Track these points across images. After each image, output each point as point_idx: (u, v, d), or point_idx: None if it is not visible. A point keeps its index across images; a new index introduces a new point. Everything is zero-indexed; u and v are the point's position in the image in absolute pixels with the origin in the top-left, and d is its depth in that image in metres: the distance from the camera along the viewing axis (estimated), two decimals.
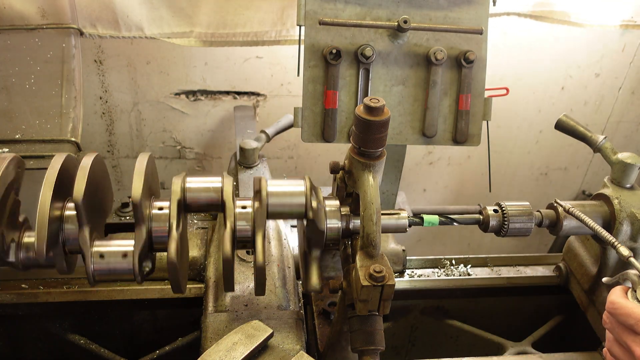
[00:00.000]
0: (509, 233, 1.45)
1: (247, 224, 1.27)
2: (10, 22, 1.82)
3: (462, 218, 1.45)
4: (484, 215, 1.46)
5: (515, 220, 1.45)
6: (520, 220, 1.45)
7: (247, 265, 1.62)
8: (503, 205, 1.46)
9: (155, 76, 2.42)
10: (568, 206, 1.48)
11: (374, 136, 1.21)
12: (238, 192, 1.88)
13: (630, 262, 1.29)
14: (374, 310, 1.24)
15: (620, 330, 1.19)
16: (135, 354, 1.79)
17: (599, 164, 3.06)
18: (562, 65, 2.68)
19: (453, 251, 3.33)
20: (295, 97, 2.54)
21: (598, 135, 1.68)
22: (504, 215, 1.45)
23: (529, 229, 1.46)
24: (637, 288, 1.22)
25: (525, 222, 1.46)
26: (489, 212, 1.46)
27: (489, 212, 1.46)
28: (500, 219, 1.45)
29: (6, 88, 1.81)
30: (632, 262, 1.29)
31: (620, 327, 1.19)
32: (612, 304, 1.21)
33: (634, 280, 1.24)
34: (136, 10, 2.00)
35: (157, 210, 1.26)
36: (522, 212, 1.46)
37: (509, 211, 1.45)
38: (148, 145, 2.63)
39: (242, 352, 1.27)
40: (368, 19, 1.58)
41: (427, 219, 1.41)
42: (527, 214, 1.46)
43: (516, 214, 1.45)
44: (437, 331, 2.09)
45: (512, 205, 1.46)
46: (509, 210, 1.45)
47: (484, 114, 1.67)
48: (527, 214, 1.46)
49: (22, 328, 1.83)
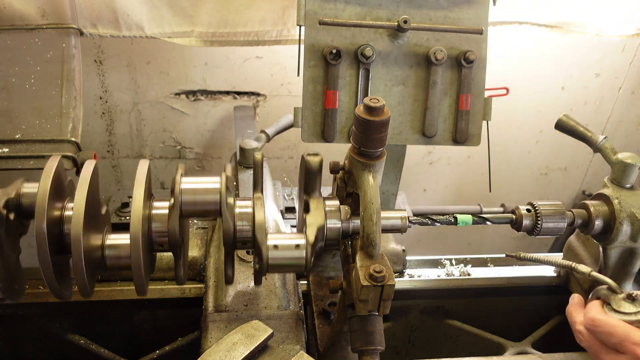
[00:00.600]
0: (542, 232, 1.46)
1: (247, 224, 1.27)
2: (10, 22, 1.82)
3: (495, 217, 1.46)
4: (517, 214, 1.47)
5: (548, 220, 1.45)
6: (553, 220, 1.46)
7: (247, 265, 1.62)
8: (536, 204, 1.47)
9: (155, 76, 2.42)
10: (522, 254, 1.45)
11: (374, 136, 1.21)
12: (238, 193, 1.88)
13: (593, 276, 1.29)
14: (374, 310, 1.24)
15: (600, 348, 1.15)
16: (135, 354, 1.79)
17: (599, 164, 3.06)
18: (562, 65, 2.68)
19: (453, 251, 3.32)
20: (295, 97, 2.54)
21: (598, 135, 1.68)
22: (537, 214, 1.45)
23: (562, 228, 1.47)
24: (610, 301, 1.21)
25: (557, 222, 1.46)
26: (522, 211, 1.47)
27: (522, 212, 1.46)
28: (533, 219, 1.46)
29: (6, 88, 1.80)
30: (595, 276, 1.28)
31: (600, 345, 1.15)
32: (592, 321, 1.17)
33: (606, 294, 1.23)
34: (137, 9, 1.99)
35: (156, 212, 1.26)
36: (555, 211, 1.47)
37: (542, 210, 1.45)
38: (148, 145, 2.63)
39: (242, 352, 1.26)
40: (368, 19, 1.58)
41: (460, 219, 1.41)
42: (559, 213, 1.47)
43: (549, 214, 1.46)
44: (437, 331, 2.09)
45: (544, 205, 1.47)
46: (542, 210, 1.45)
47: (484, 114, 1.67)
48: (560, 214, 1.47)
49: (22, 328, 1.83)
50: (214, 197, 1.23)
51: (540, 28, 2.26)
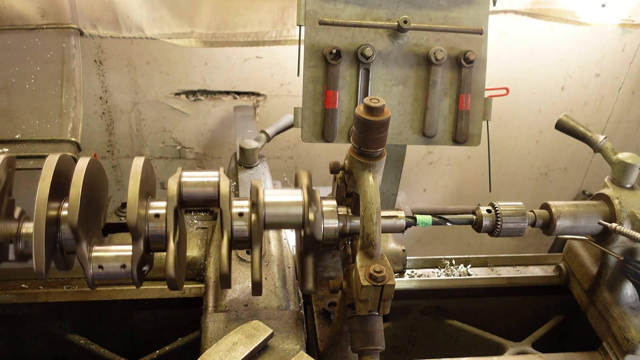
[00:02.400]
0: (502, 233, 1.45)
1: (244, 225, 1.27)
2: (10, 22, 1.82)
3: (456, 218, 1.45)
4: (477, 215, 1.46)
5: (508, 220, 1.44)
6: (514, 220, 1.44)
7: (247, 265, 1.62)
8: (496, 205, 1.45)
9: (155, 76, 2.42)
10: (614, 225, 1.41)
11: (374, 136, 1.21)
12: (238, 193, 1.88)
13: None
14: (374, 310, 1.24)
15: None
16: (135, 354, 1.79)
17: (599, 164, 3.06)
18: (562, 65, 2.68)
19: (453, 251, 3.33)
20: (295, 97, 2.54)
21: (598, 135, 1.68)
22: (497, 215, 1.44)
23: (522, 229, 1.46)
24: None
25: (518, 222, 1.45)
26: (482, 212, 1.45)
27: (482, 212, 1.45)
28: (493, 219, 1.45)
29: (6, 88, 1.81)
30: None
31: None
32: None
33: None
34: (137, 10, 2.00)
35: (153, 215, 1.25)
36: (516, 212, 1.45)
37: (502, 211, 1.44)
38: (148, 145, 2.63)
39: (242, 352, 1.26)
40: (368, 19, 1.58)
41: (420, 219, 1.40)
42: (520, 214, 1.45)
43: (509, 214, 1.44)
44: (437, 331, 2.09)
45: (505, 205, 1.45)
46: (502, 210, 1.44)
47: (484, 114, 1.67)
48: (521, 214, 1.45)
49: (22, 328, 1.83)
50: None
51: (526, 18, 2.27)
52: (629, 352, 1.58)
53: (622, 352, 1.59)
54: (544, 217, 1.52)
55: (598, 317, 1.68)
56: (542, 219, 1.52)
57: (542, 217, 1.52)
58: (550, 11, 2.27)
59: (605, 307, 1.65)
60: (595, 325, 1.71)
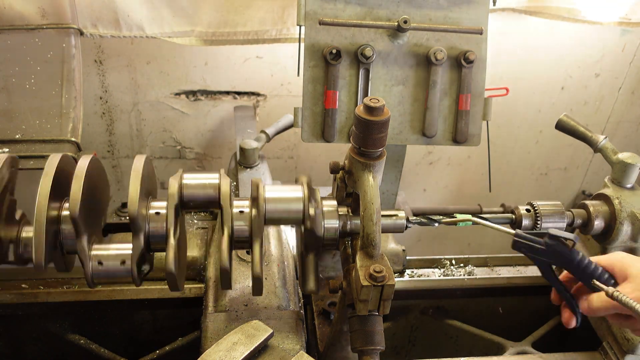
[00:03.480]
0: None
1: (245, 225, 1.27)
2: (10, 22, 1.82)
3: (495, 218, 1.46)
4: (517, 214, 1.47)
5: (548, 220, 1.45)
6: (553, 220, 1.46)
7: (247, 265, 1.62)
8: (535, 204, 1.47)
9: (155, 76, 2.42)
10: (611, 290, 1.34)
11: (374, 136, 1.21)
12: (238, 192, 1.88)
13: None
14: (374, 310, 1.24)
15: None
16: (135, 354, 1.79)
17: (599, 164, 3.06)
18: (562, 65, 2.68)
19: (453, 251, 3.33)
20: (295, 97, 2.53)
21: (599, 135, 1.68)
22: (537, 214, 1.45)
23: (561, 228, 1.47)
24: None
25: (557, 222, 1.47)
26: (521, 211, 1.46)
27: (521, 212, 1.46)
28: (532, 219, 1.46)
29: (6, 88, 1.80)
30: None
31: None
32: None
33: None
34: (137, 9, 2.00)
35: (154, 213, 1.26)
36: (555, 211, 1.47)
37: (542, 210, 1.45)
38: (148, 145, 2.63)
39: (242, 352, 1.26)
40: (368, 19, 1.58)
41: (461, 219, 1.40)
42: (559, 213, 1.47)
43: (549, 214, 1.46)
44: (437, 331, 2.09)
45: (544, 205, 1.47)
46: (541, 210, 1.45)
47: (484, 114, 1.67)
48: (560, 214, 1.47)
49: (22, 328, 1.83)
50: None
51: (525, 17, 2.26)
52: (629, 352, 1.58)
53: (622, 352, 1.59)
54: (582, 217, 1.53)
55: (598, 317, 1.68)
56: (580, 218, 1.52)
57: (581, 217, 1.52)
58: (548, 8, 2.26)
59: None
60: (596, 325, 1.71)
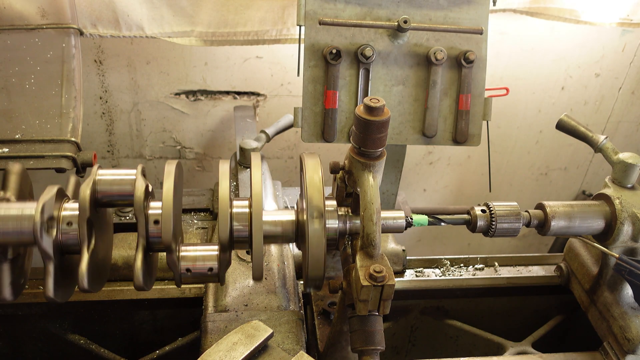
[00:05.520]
0: (496, 233, 1.45)
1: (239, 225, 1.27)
2: (10, 22, 1.82)
3: (450, 218, 1.45)
4: (472, 215, 1.46)
5: (502, 221, 1.44)
6: (508, 221, 1.44)
7: (247, 265, 1.62)
8: (491, 205, 1.45)
9: (155, 76, 2.42)
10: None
11: (374, 136, 1.21)
12: (238, 193, 1.88)
13: None
14: (374, 310, 1.24)
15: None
16: (135, 354, 1.79)
17: (599, 164, 3.06)
18: (562, 65, 2.68)
19: (453, 251, 3.33)
20: (295, 97, 2.54)
21: (599, 136, 1.68)
22: (492, 215, 1.44)
23: (517, 229, 1.46)
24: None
25: (512, 222, 1.45)
26: (476, 212, 1.45)
27: (477, 213, 1.45)
28: (488, 219, 1.45)
29: (6, 88, 1.80)
30: None
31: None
32: None
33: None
34: (137, 9, 1.99)
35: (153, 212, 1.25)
36: (510, 212, 1.45)
37: (497, 211, 1.44)
38: (148, 145, 2.63)
39: (242, 352, 1.26)
40: (368, 19, 1.58)
41: (416, 220, 1.40)
42: (514, 214, 1.45)
43: (504, 214, 1.44)
44: (437, 331, 2.09)
45: (500, 206, 1.45)
46: (496, 211, 1.44)
47: (484, 114, 1.67)
48: (515, 214, 1.45)
49: (22, 328, 1.83)
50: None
51: (526, 18, 2.26)
52: (629, 352, 1.58)
53: (622, 352, 1.59)
54: (538, 217, 1.52)
55: (599, 317, 1.68)
56: (537, 219, 1.52)
57: (537, 217, 1.52)
58: (549, 9, 2.26)
59: (606, 307, 1.65)
60: (596, 325, 1.71)
